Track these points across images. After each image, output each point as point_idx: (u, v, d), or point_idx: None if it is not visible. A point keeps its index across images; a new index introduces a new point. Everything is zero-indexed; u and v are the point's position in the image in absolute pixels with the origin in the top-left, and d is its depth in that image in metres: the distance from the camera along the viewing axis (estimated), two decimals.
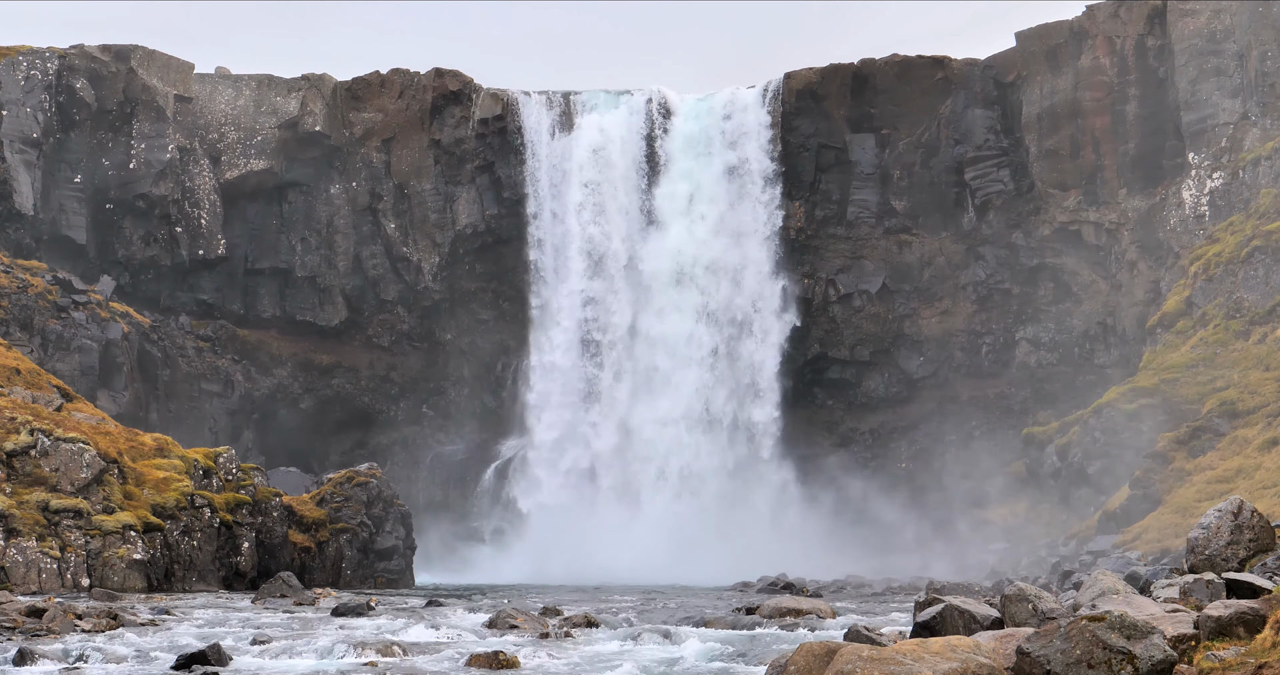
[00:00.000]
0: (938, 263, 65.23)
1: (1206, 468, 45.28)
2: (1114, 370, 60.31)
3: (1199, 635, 14.99)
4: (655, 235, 65.28)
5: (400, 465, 66.60)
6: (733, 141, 65.72)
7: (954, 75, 64.53)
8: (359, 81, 66.69)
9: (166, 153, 63.24)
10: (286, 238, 66.86)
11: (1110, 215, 61.25)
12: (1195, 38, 58.08)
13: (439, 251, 66.74)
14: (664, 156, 65.96)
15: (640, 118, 66.49)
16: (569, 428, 64.60)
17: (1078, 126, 61.54)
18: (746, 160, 65.44)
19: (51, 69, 61.13)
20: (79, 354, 56.91)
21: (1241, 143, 56.80)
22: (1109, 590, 18.02)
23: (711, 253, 65.06)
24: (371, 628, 26.63)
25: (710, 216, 65.31)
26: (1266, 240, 52.60)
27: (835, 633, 23.90)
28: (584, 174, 65.72)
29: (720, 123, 66.00)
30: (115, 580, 38.29)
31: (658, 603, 36.70)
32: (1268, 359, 49.31)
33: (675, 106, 66.84)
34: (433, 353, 68.29)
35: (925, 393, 65.27)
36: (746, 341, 64.77)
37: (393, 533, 50.73)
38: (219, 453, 46.28)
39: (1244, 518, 20.60)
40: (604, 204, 65.68)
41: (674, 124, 66.42)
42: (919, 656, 14.65)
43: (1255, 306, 52.27)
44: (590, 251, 65.43)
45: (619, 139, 66.12)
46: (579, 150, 65.83)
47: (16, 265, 58.08)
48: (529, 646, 22.76)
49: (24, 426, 40.28)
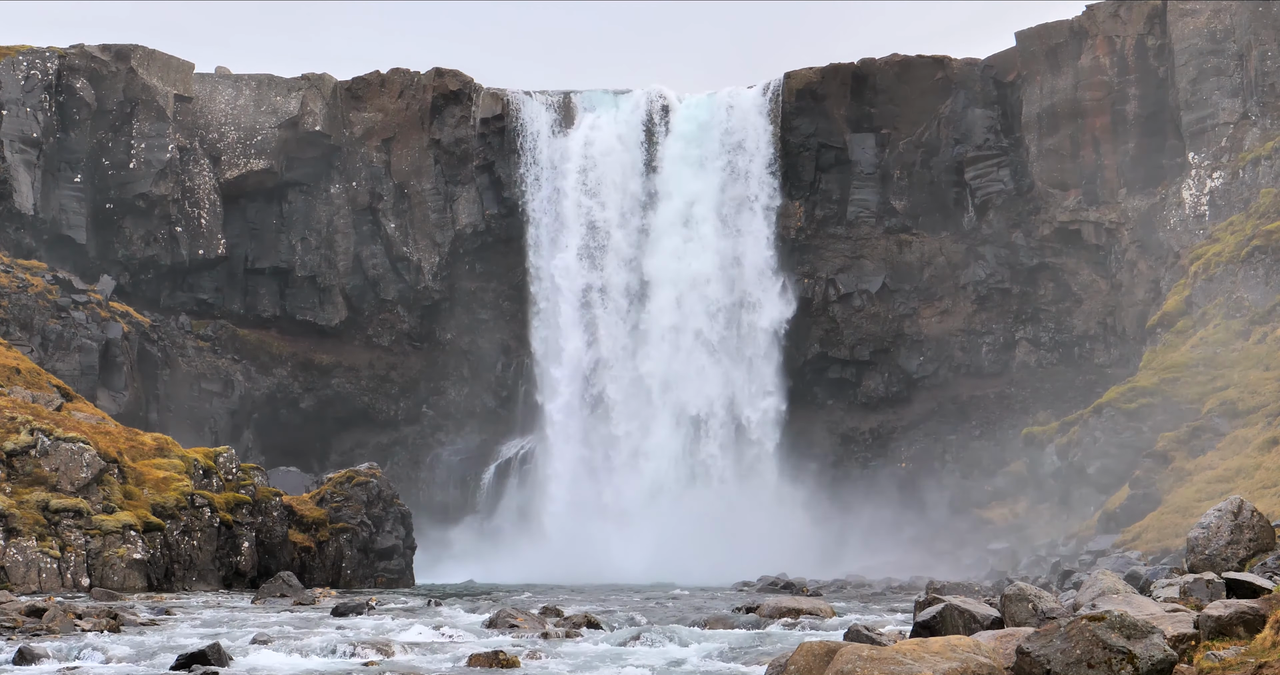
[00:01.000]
0: (938, 262, 65.25)
1: (1206, 467, 45.26)
2: (1114, 370, 60.30)
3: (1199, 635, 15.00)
4: (655, 235, 65.27)
5: (400, 465, 66.61)
6: (732, 141, 65.71)
7: (954, 75, 64.54)
8: (359, 81, 66.71)
9: (166, 152, 63.25)
10: (286, 237, 66.87)
11: (1110, 215, 61.25)
12: (1195, 37, 58.07)
13: (439, 251, 66.75)
14: (664, 156, 65.94)
15: (640, 117, 66.50)
16: (569, 428, 64.59)
17: (1078, 126, 61.54)
18: (746, 160, 65.43)
19: (51, 69, 61.13)
20: (79, 353, 56.91)
21: (1241, 142, 56.79)
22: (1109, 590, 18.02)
23: (711, 252, 65.05)
24: (371, 627, 26.63)
25: (710, 216, 65.30)
26: (1266, 240, 52.58)
27: (835, 632, 23.90)
28: (584, 173, 65.72)
29: (720, 122, 65.99)
30: (115, 580, 38.28)
31: (657, 602, 36.70)
32: (1268, 359, 49.29)
33: (675, 106, 66.83)
34: (433, 352, 68.30)
35: (925, 392, 65.27)
36: (746, 341, 64.77)
37: (393, 532, 50.72)
38: (219, 452, 46.28)
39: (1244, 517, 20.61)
40: (604, 203, 65.68)
41: (674, 123, 66.42)
42: (919, 656, 14.65)
43: (1255, 306, 52.25)
44: (590, 251, 65.43)
45: (619, 138, 66.11)
46: (579, 150, 65.84)
47: (16, 265, 58.08)
48: (529, 646, 22.75)
49: (24, 426, 40.28)
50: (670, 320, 64.62)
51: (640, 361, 64.45)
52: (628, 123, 66.40)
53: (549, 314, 65.55)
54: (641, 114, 66.55)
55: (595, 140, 66.01)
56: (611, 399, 64.52)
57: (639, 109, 66.62)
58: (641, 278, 65.03)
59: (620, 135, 66.16)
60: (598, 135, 66.12)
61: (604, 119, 66.49)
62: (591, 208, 65.62)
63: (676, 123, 66.43)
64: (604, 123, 66.39)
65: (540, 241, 66.13)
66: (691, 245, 65.12)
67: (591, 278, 65.29)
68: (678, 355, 64.44)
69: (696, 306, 64.81)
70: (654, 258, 64.97)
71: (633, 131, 66.28)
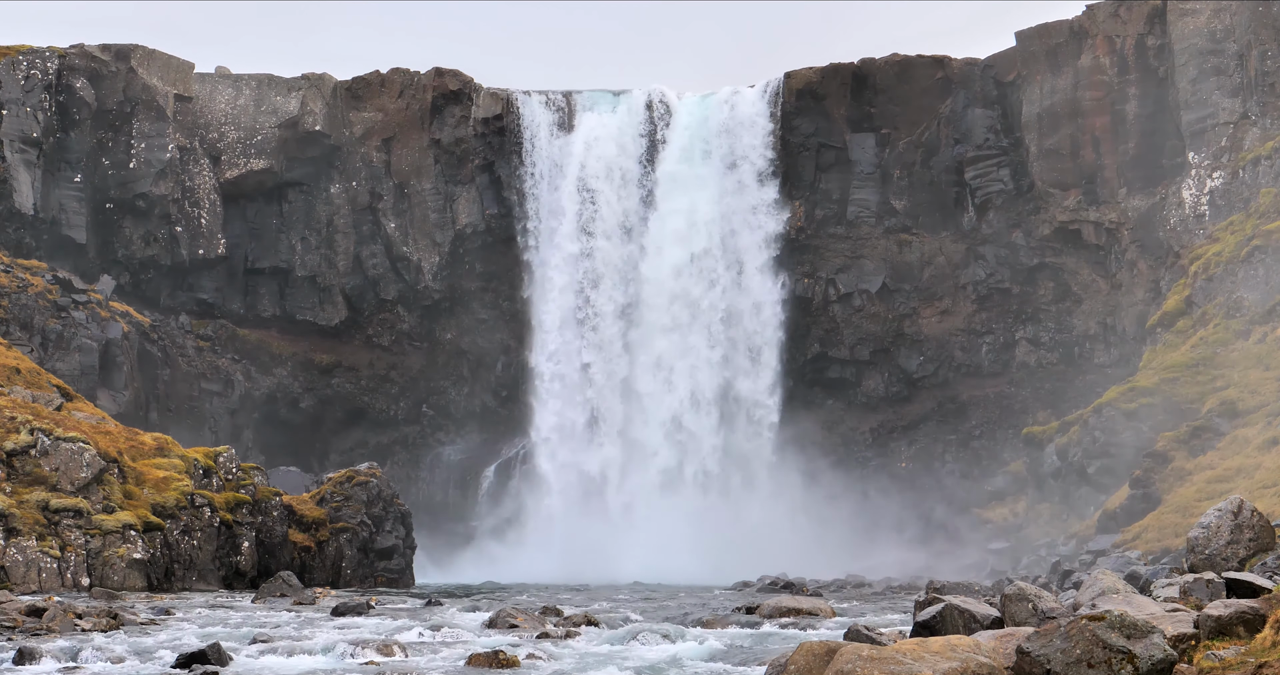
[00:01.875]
0: (938, 262, 65.25)
1: (1206, 467, 45.27)
2: (1114, 370, 60.30)
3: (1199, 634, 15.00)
4: (654, 234, 65.26)
5: (400, 465, 66.60)
6: (732, 141, 65.70)
7: (954, 75, 64.54)
8: (359, 81, 66.71)
9: (166, 152, 63.24)
10: (286, 237, 66.87)
11: (1110, 215, 61.25)
12: (1195, 37, 58.07)
13: (439, 251, 66.75)
14: (664, 156, 65.93)
15: (640, 117, 66.49)
16: (569, 427, 64.57)
17: (1078, 126, 61.53)
18: (746, 159, 65.42)
19: (51, 68, 61.13)
20: (79, 353, 56.91)
21: (1241, 142, 56.79)
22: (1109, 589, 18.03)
23: (711, 252, 65.05)
24: (371, 627, 26.63)
25: (710, 215, 65.29)
26: (1266, 240, 52.59)
27: (835, 632, 23.90)
28: (583, 173, 65.70)
29: (720, 122, 65.98)
30: (115, 579, 38.29)
31: (657, 602, 36.71)
32: (1268, 358, 49.30)
33: (675, 106, 66.82)
34: (433, 352, 68.30)
35: (925, 392, 65.28)
36: (746, 341, 64.76)
37: (393, 532, 50.72)
38: (219, 452, 46.27)
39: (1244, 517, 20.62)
40: (603, 203, 65.68)
41: (674, 123, 66.40)
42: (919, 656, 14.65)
43: (1255, 306, 52.26)
44: (590, 250, 65.43)
45: (618, 138, 66.11)
46: (578, 149, 65.83)
47: (16, 264, 58.08)
48: (529, 646, 22.75)
49: (24, 426, 40.29)
50: (669, 319, 64.61)
51: (639, 360, 64.43)
52: (628, 122, 66.39)
53: (548, 313, 65.50)
54: (641, 114, 66.55)
55: (595, 140, 66.00)
56: (610, 399, 64.50)
57: (639, 109, 66.61)
58: (641, 277, 65.01)
59: (620, 135, 66.14)
60: (598, 135, 66.10)
61: (604, 119, 66.48)
62: (591, 207, 65.61)
63: (676, 122, 66.42)
64: (604, 122, 66.37)
65: (540, 241, 66.12)
66: (690, 245, 65.09)
67: (591, 277, 65.27)
68: (677, 354, 64.41)
69: (696, 305, 64.80)
70: (653, 257, 64.96)
71: (633, 131, 66.28)
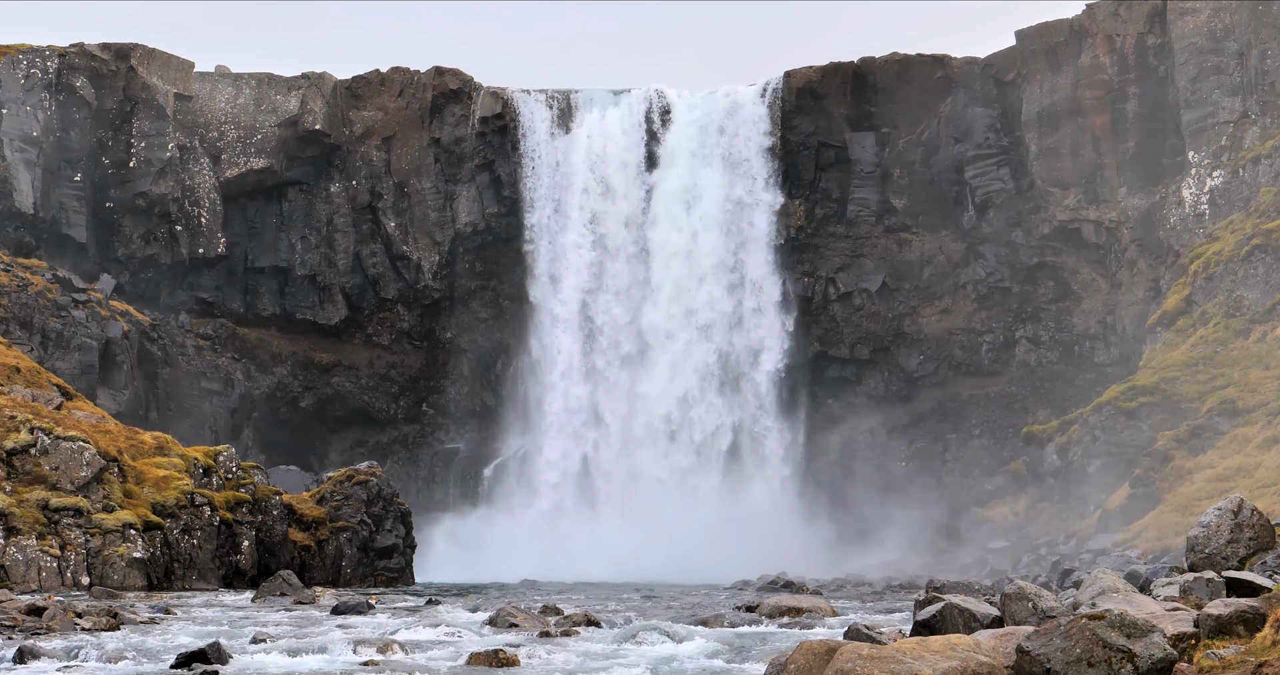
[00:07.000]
0: (938, 261, 65.24)
1: (1206, 466, 45.29)
2: (1114, 369, 60.31)
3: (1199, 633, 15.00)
4: (655, 233, 65.28)
5: (400, 464, 66.61)
6: (732, 140, 65.71)
7: (954, 74, 64.54)
8: (359, 80, 66.70)
9: (166, 151, 63.23)
10: (286, 236, 66.86)
11: (1110, 214, 61.25)
12: (1195, 36, 58.07)
13: (439, 250, 66.75)
14: (663, 155, 65.93)
15: (640, 116, 66.48)
16: (569, 427, 64.61)
17: (1078, 125, 61.53)
18: (746, 158, 65.43)
19: (51, 67, 61.11)
20: (79, 352, 56.91)
21: (1241, 141, 56.80)
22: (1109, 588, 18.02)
23: (711, 251, 65.06)
24: (371, 626, 26.62)
25: (710, 215, 65.30)
26: (1266, 239, 52.60)
27: (835, 631, 23.89)
28: (583, 172, 65.73)
29: (720, 121, 65.98)
30: (115, 579, 38.28)
31: (657, 601, 36.71)
32: (1268, 357, 49.32)
33: (675, 105, 66.82)
34: (432, 351, 68.30)
35: (925, 391, 65.27)
36: (746, 340, 64.76)
37: (392, 531, 50.71)
38: (219, 451, 46.26)
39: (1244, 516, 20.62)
40: (603, 202, 65.69)
41: (673, 122, 66.40)
42: (919, 655, 14.65)
43: (1255, 305, 52.27)
44: (589, 249, 65.44)
45: (618, 137, 66.11)
46: (578, 148, 65.85)
47: (16, 263, 58.07)
48: (529, 645, 22.74)
49: (24, 425, 40.28)
50: (669, 319, 64.62)
51: (639, 360, 64.45)
52: (628, 121, 66.39)
53: (548, 313, 65.53)
54: (641, 113, 66.54)
55: (595, 139, 66.01)
56: (610, 398, 64.50)
57: (639, 108, 66.60)
58: (640, 277, 65.03)
59: (620, 134, 66.14)
60: (598, 134, 66.12)
61: (604, 118, 66.49)
62: (591, 206, 65.62)
63: (676, 122, 66.42)
64: (604, 122, 66.39)
65: (540, 240, 66.12)
66: (691, 244, 65.11)
67: (590, 276, 65.28)
68: (676, 354, 64.41)
69: (696, 305, 64.81)
70: (653, 256, 64.98)
71: (632, 130, 66.28)
